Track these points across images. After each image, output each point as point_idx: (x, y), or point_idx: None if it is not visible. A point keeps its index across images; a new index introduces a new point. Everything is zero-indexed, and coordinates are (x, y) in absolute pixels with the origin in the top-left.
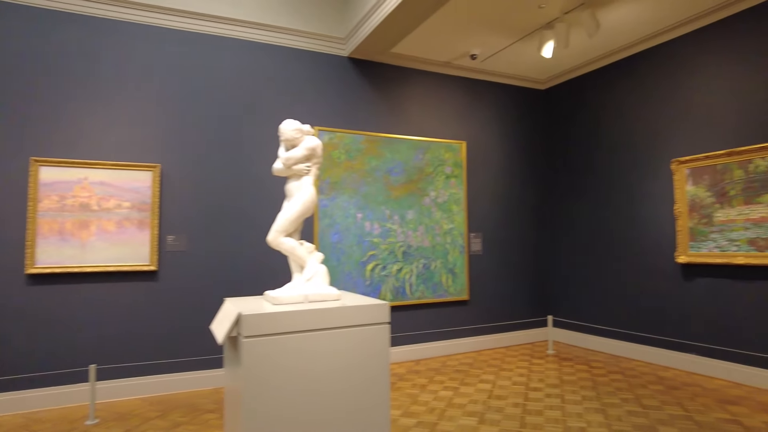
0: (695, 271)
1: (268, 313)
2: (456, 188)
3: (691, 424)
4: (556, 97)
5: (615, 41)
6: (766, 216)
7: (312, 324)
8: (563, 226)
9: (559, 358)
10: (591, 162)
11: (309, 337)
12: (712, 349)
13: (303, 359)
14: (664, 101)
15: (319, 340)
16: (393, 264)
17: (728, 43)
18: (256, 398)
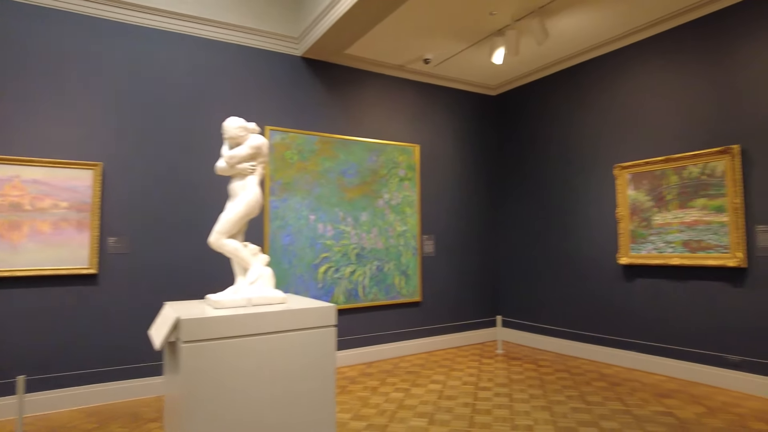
0: (635, 272)
1: (208, 317)
2: (409, 191)
3: (629, 418)
4: (507, 103)
5: (563, 50)
6: (698, 219)
7: (255, 328)
8: (512, 228)
9: (508, 357)
10: (539, 166)
11: (252, 342)
12: (650, 345)
13: (245, 364)
14: (607, 109)
15: (263, 344)
16: (346, 266)
17: (667, 56)
18: (196, 406)
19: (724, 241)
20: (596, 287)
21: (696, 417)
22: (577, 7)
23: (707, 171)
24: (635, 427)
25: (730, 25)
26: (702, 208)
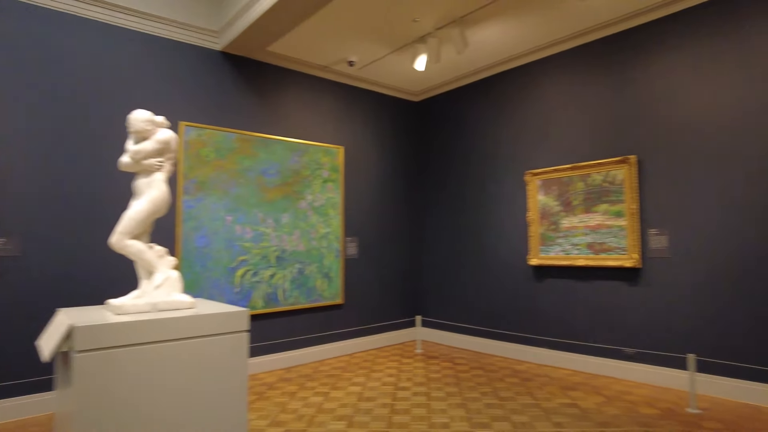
0: (544, 272)
1: (105, 324)
2: (333, 192)
3: (538, 411)
4: (429, 110)
5: (481, 60)
6: (600, 223)
7: (159, 335)
8: (433, 231)
9: (427, 356)
10: (458, 171)
11: (156, 350)
12: (558, 342)
13: (148, 375)
14: (521, 118)
15: (168, 352)
16: (265, 269)
17: (576, 70)
18: (91, 423)
19: (622, 244)
20: (509, 287)
21: (596, 406)
22: (495, 19)
23: (609, 179)
24: (543, 419)
25: (631, 46)
26: (604, 212)
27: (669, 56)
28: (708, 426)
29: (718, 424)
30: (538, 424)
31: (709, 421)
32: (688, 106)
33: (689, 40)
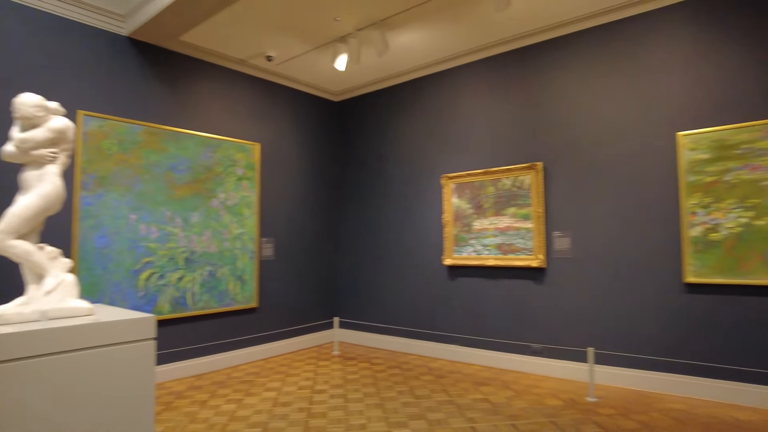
0: (458, 272)
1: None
2: (248, 191)
3: (453, 407)
4: (349, 110)
5: (401, 64)
6: (509, 225)
7: (50, 346)
8: (351, 231)
9: (344, 358)
10: (376, 173)
11: (47, 363)
12: (470, 339)
13: (39, 391)
14: (438, 123)
15: (63, 365)
16: (173, 272)
17: (490, 79)
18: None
19: (529, 245)
20: (424, 287)
21: (506, 400)
22: (415, 25)
23: (517, 184)
24: (458, 415)
25: (539, 60)
26: (513, 215)
27: (570, 71)
28: (603, 412)
29: (611, 410)
30: (452, 420)
31: (604, 408)
32: (587, 118)
33: (586, 58)
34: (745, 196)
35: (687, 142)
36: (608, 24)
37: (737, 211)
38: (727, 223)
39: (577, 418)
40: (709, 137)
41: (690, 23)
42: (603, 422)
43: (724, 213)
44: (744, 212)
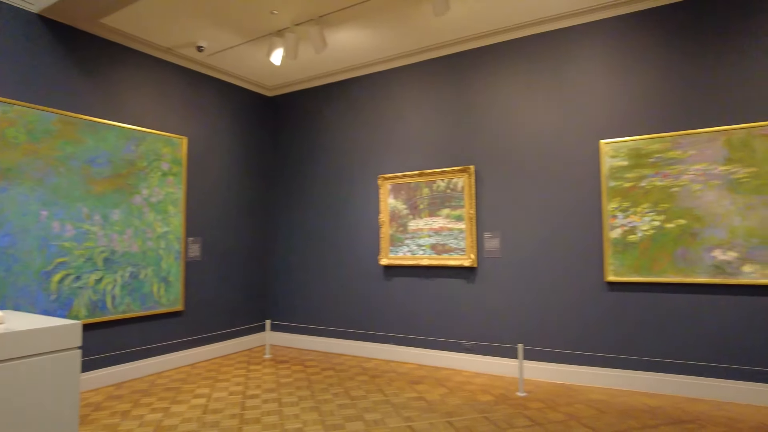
0: (393, 272)
1: None
2: (174, 187)
3: (389, 407)
4: (283, 106)
5: (339, 62)
6: (443, 226)
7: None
8: (284, 231)
9: (276, 361)
10: (312, 171)
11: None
12: (404, 338)
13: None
14: (375, 123)
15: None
16: (90, 273)
17: (425, 82)
18: None
19: (461, 245)
20: (360, 287)
21: (441, 398)
22: (355, 23)
23: (451, 186)
24: (394, 414)
25: (474, 66)
26: (446, 216)
27: (500, 79)
28: (533, 406)
29: (540, 403)
30: (389, 420)
31: (533, 402)
32: (516, 124)
33: (516, 67)
34: (658, 201)
35: (608, 149)
36: (537, 35)
37: (651, 214)
38: (643, 225)
39: (509, 413)
40: (627, 146)
41: (609, 40)
42: (533, 415)
43: (639, 216)
44: (656, 216)
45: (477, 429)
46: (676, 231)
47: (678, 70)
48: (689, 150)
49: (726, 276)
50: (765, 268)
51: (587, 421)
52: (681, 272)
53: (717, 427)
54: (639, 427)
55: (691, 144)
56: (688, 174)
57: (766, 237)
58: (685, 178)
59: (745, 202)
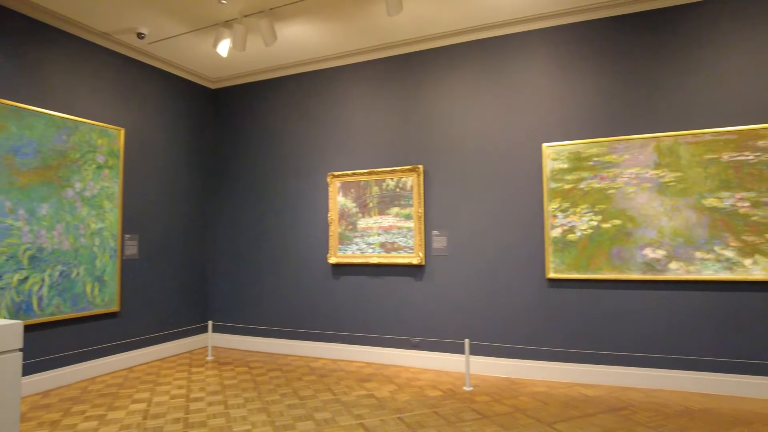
0: (342, 270)
1: None
2: (110, 181)
3: (339, 405)
4: (228, 99)
5: (289, 56)
6: (392, 224)
7: None
8: (228, 228)
9: (219, 363)
10: (258, 167)
11: None
12: (352, 336)
13: None
14: (325, 120)
15: None
16: (14, 272)
17: (378, 81)
18: None
19: (410, 243)
20: (308, 286)
21: (390, 394)
22: (306, 18)
23: (401, 185)
24: (345, 413)
25: (423, 66)
26: (396, 215)
27: (449, 80)
28: (479, 400)
29: (486, 397)
30: (340, 418)
31: (480, 396)
32: (464, 126)
33: (465, 69)
34: (595, 202)
35: (550, 152)
36: (485, 40)
37: (589, 215)
38: (581, 225)
39: (457, 407)
40: (568, 149)
41: (552, 49)
42: (480, 409)
43: (578, 216)
44: (594, 216)
45: (427, 424)
46: (612, 231)
47: (614, 80)
48: (624, 154)
49: (655, 273)
50: (688, 265)
51: (532, 413)
52: (616, 269)
53: (647, 412)
54: (579, 416)
55: (625, 149)
56: (623, 177)
57: (689, 237)
58: (620, 181)
59: (671, 204)
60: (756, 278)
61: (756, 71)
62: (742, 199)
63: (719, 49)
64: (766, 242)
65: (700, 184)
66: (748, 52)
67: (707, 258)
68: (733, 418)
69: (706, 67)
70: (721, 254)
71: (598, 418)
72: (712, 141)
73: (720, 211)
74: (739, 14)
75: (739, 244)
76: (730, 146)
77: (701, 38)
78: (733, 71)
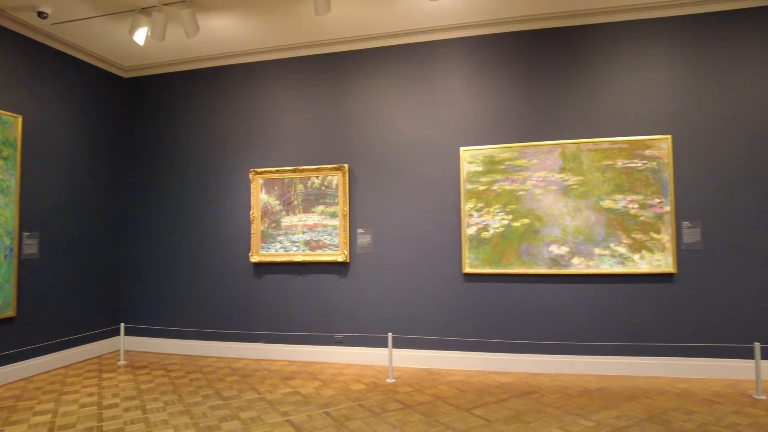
0: (265, 269)
1: None
2: (5, 173)
3: (264, 404)
4: (141, 89)
5: (211, 48)
6: (317, 222)
7: None
8: (140, 226)
9: (133, 367)
10: (175, 162)
11: None
12: (275, 335)
13: None
14: (248, 115)
15: None
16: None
17: (303, 79)
18: None
19: (335, 241)
20: (229, 286)
21: (315, 390)
22: (230, 10)
23: (326, 183)
24: (270, 410)
25: (349, 67)
26: (321, 213)
27: (374, 83)
28: (402, 390)
29: (408, 387)
30: (266, 416)
31: (402, 387)
32: (388, 128)
33: (389, 73)
34: (507, 202)
35: (467, 156)
36: (410, 45)
37: (501, 214)
38: (494, 224)
39: (381, 399)
40: (482, 153)
41: (472, 58)
42: (403, 399)
43: (492, 216)
44: (505, 216)
45: (353, 417)
46: (521, 229)
47: (525, 91)
48: (533, 159)
49: (560, 267)
50: (588, 261)
51: (451, 401)
52: (525, 264)
53: (553, 395)
54: (494, 401)
55: (534, 154)
56: (532, 180)
57: (589, 235)
58: (529, 183)
59: (574, 206)
60: (643, 271)
61: (642, 90)
62: (632, 201)
63: (613, 68)
64: (650, 240)
65: (599, 187)
66: (636, 73)
67: (604, 254)
68: (623, 395)
69: (602, 84)
70: (615, 250)
71: (511, 402)
72: (609, 149)
73: (614, 212)
74: (630, 39)
75: (630, 242)
76: (623, 154)
77: (599, 58)
78: (624, 89)
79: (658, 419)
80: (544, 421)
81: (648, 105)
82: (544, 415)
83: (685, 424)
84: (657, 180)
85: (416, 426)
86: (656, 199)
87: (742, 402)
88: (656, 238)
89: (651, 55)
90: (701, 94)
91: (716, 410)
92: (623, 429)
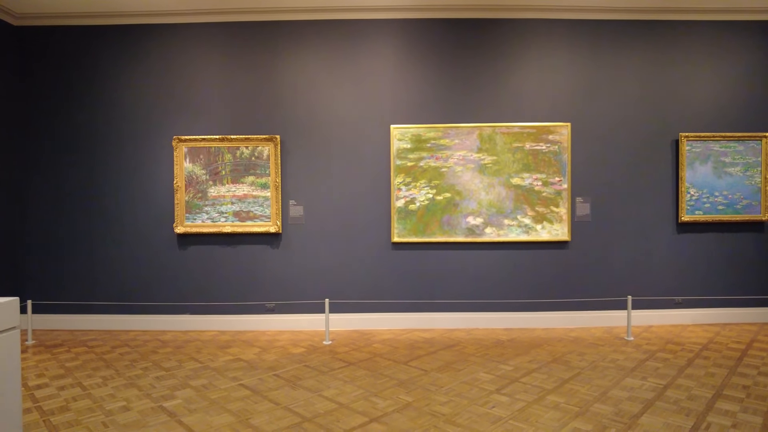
0: (190, 240)
1: None
2: None
3: (210, 371)
4: (38, 42)
5: (128, 3)
6: (247, 193)
7: None
8: (47, 197)
9: (46, 346)
10: (85, 127)
11: None
12: (202, 306)
13: None
14: (168, 79)
15: None
16: None
17: (230, 45)
18: None
19: (267, 212)
20: (151, 258)
21: (257, 356)
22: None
23: (256, 154)
24: (219, 377)
25: (279, 36)
26: (251, 184)
27: (306, 56)
28: (340, 350)
29: (345, 347)
30: (218, 382)
31: (340, 347)
32: (320, 102)
33: (321, 47)
34: (431, 178)
35: (397, 133)
36: (344, 21)
37: (426, 189)
38: (420, 197)
39: (324, 359)
40: (410, 132)
41: (401, 39)
42: (344, 357)
43: (418, 190)
44: (430, 190)
45: (303, 376)
46: (443, 202)
47: (449, 75)
48: (455, 139)
49: (476, 236)
50: (499, 230)
51: (387, 356)
52: (446, 233)
53: (472, 346)
54: (425, 354)
55: (456, 135)
56: (453, 158)
57: (500, 208)
58: (451, 161)
59: (488, 182)
60: (543, 239)
61: (548, 82)
62: (537, 180)
63: (524, 61)
64: (551, 212)
65: (509, 166)
66: (543, 67)
67: (512, 224)
68: (529, 344)
69: (515, 74)
70: (521, 221)
71: (439, 354)
72: (519, 133)
73: (522, 188)
74: (539, 36)
75: (534, 214)
76: (531, 138)
77: (512, 50)
78: (532, 80)
79: (560, 361)
80: (472, 368)
81: (552, 95)
82: (470, 363)
83: (581, 363)
84: (558, 161)
85: (365, 379)
86: (556, 178)
87: (618, 343)
88: (555, 211)
89: (555, 51)
90: (595, 88)
91: (600, 351)
92: (536, 370)
